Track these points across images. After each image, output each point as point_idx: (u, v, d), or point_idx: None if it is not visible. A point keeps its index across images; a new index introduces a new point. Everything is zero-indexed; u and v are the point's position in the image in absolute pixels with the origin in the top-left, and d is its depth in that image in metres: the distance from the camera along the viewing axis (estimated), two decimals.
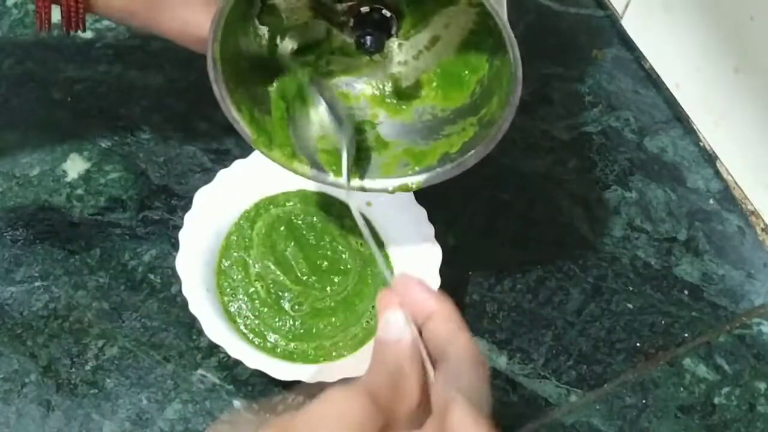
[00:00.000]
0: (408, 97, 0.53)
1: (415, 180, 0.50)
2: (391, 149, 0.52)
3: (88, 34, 0.64)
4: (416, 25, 0.51)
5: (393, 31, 0.51)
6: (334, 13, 0.51)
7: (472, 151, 0.48)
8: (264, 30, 0.50)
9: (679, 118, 0.64)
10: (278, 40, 0.51)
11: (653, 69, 0.65)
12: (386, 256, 0.55)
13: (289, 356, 0.51)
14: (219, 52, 0.45)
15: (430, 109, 0.53)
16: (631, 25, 0.66)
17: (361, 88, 0.53)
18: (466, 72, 0.52)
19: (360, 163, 0.51)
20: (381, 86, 0.53)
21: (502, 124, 0.46)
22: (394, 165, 0.51)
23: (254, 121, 0.48)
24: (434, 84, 0.53)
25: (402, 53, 0.52)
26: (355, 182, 0.50)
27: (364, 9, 0.50)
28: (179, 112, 0.62)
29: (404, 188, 0.50)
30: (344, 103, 0.53)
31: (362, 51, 0.50)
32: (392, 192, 0.50)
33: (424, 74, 0.53)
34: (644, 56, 0.66)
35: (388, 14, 0.50)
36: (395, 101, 0.53)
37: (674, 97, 0.64)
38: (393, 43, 0.52)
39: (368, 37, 0.49)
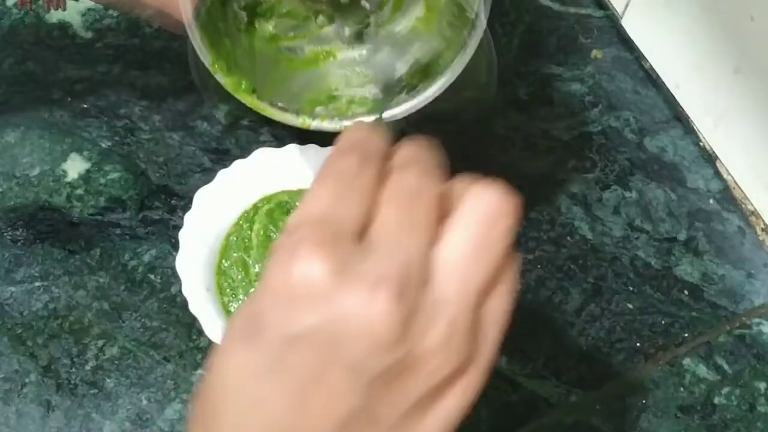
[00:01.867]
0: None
1: (390, 113, 0.51)
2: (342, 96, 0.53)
3: (89, 34, 0.64)
4: None
5: None
6: None
7: (441, 78, 0.49)
8: None
9: (679, 118, 0.64)
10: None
11: (653, 69, 0.65)
12: None
13: None
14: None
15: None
16: (631, 25, 0.66)
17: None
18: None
19: (314, 105, 0.52)
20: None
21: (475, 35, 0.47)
22: (348, 109, 0.52)
23: (215, 46, 0.49)
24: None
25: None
26: (315, 123, 0.51)
27: None
28: (179, 112, 0.62)
29: (380, 123, 0.51)
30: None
31: None
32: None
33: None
34: (644, 56, 0.66)
35: None
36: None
37: (674, 97, 0.64)
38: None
39: None
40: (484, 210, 0.30)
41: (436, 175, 0.31)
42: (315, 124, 0.51)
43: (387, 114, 0.51)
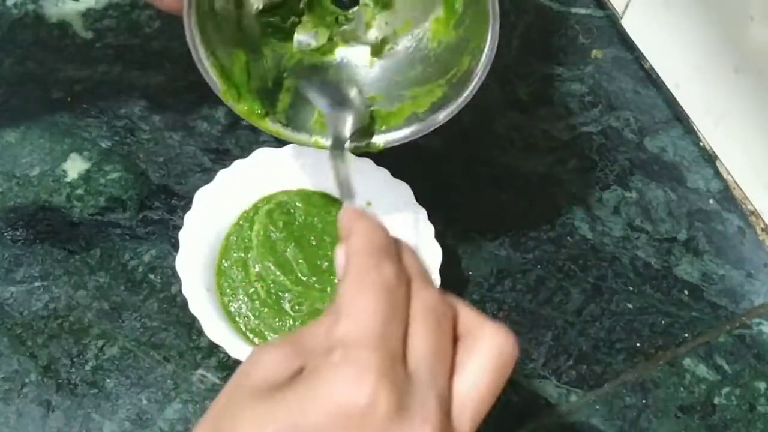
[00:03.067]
0: (376, 50, 0.54)
1: (383, 139, 0.50)
2: None
3: (89, 34, 0.64)
4: None
5: None
6: None
7: (444, 110, 0.48)
8: None
9: (679, 118, 0.64)
10: None
11: (653, 69, 0.65)
12: None
13: None
14: (196, 4, 0.46)
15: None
16: (631, 25, 0.66)
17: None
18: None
19: (325, 123, 0.52)
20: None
21: (475, 81, 0.46)
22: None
23: (224, 74, 0.49)
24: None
25: (370, 10, 0.53)
26: (322, 141, 0.51)
27: None
28: (179, 112, 0.62)
29: (373, 148, 0.51)
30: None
31: (337, 4, 0.51)
32: (362, 149, 0.51)
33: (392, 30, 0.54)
34: (644, 56, 0.66)
35: None
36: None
37: (674, 97, 0.64)
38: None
39: None
40: (499, 355, 0.33)
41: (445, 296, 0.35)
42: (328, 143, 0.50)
43: (394, 136, 0.50)
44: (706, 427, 0.54)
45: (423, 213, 0.54)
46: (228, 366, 0.53)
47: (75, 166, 0.59)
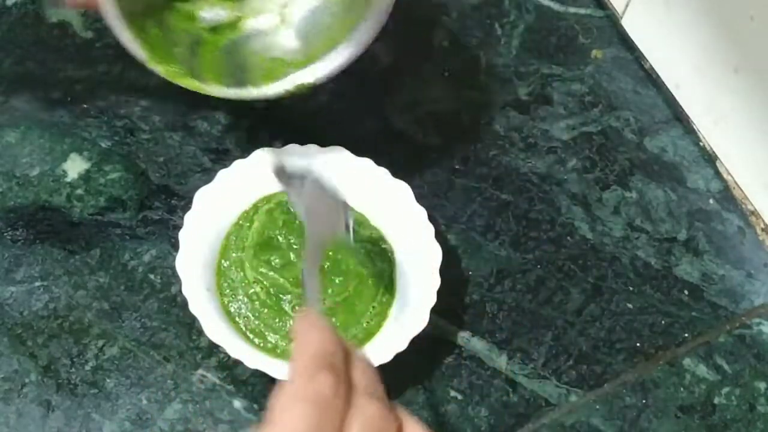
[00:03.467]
0: (283, 16, 0.56)
1: (311, 75, 0.50)
2: (276, 61, 0.53)
3: (89, 34, 0.64)
4: None
5: None
6: None
7: (360, 30, 0.49)
8: None
9: (679, 118, 0.64)
10: None
11: (653, 69, 0.65)
12: (388, 255, 0.55)
13: (289, 356, 0.51)
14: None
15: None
16: (631, 25, 0.66)
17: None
18: None
19: (246, 72, 0.52)
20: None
21: None
22: (283, 71, 0.52)
23: (146, 45, 0.50)
24: None
25: None
26: (253, 91, 0.51)
27: None
28: (179, 112, 0.62)
29: (302, 87, 0.51)
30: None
31: None
32: (293, 91, 0.51)
33: None
34: (644, 56, 0.66)
35: None
36: None
37: (674, 97, 0.64)
38: None
39: None
40: None
41: (390, 409, 0.34)
42: (257, 92, 0.51)
43: (322, 69, 0.51)
44: (706, 427, 0.54)
45: (423, 213, 0.54)
46: (228, 366, 0.53)
47: (75, 166, 0.59)
